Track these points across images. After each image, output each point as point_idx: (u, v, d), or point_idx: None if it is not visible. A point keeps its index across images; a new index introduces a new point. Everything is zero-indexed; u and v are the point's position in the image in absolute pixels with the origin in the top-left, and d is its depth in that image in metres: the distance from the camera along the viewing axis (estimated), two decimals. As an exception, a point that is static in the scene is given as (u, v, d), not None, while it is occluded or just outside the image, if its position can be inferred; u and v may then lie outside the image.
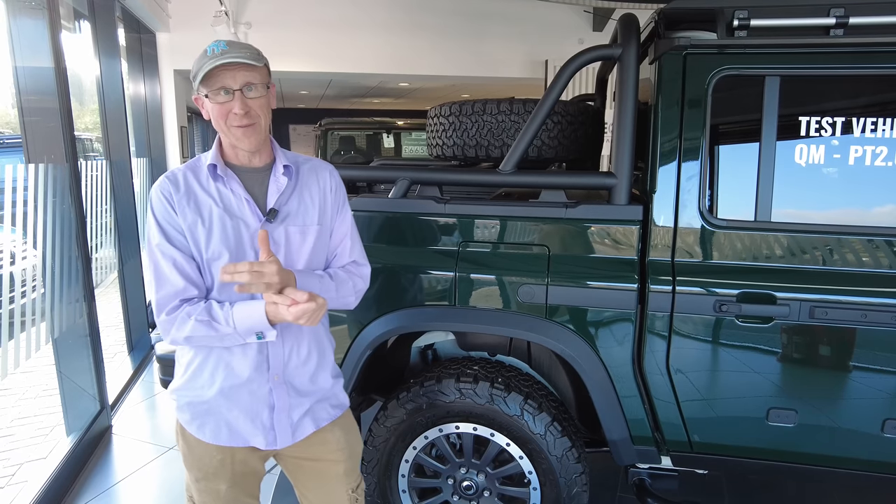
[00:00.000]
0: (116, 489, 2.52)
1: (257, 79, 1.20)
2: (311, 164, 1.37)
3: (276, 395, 1.29)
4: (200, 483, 1.35)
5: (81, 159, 2.96)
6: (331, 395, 1.40)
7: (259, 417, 1.29)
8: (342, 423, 1.44)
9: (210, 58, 1.15)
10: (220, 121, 1.20)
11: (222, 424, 1.29)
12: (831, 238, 1.59)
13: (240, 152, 1.26)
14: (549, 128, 2.09)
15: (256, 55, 1.19)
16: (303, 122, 13.69)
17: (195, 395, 1.29)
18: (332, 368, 1.41)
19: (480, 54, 6.26)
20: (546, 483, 1.82)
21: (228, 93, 1.17)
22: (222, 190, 1.25)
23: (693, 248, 1.64)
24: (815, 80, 1.57)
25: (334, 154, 7.16)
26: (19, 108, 2.60)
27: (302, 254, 1.30)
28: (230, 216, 1.24)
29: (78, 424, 2.79)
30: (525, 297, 1.70)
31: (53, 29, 2.61)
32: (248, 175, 1.28)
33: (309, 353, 1.33)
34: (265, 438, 1.31)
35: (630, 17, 1.73)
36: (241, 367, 1.26)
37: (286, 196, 1.29)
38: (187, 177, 1.25)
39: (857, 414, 1.61)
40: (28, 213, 2.44)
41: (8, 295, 2.25)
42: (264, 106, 1.22)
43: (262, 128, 1.23)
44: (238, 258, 1.23)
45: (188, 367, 1.30)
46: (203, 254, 1.22)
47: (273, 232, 1.26)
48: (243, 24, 5.65)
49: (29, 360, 2.40)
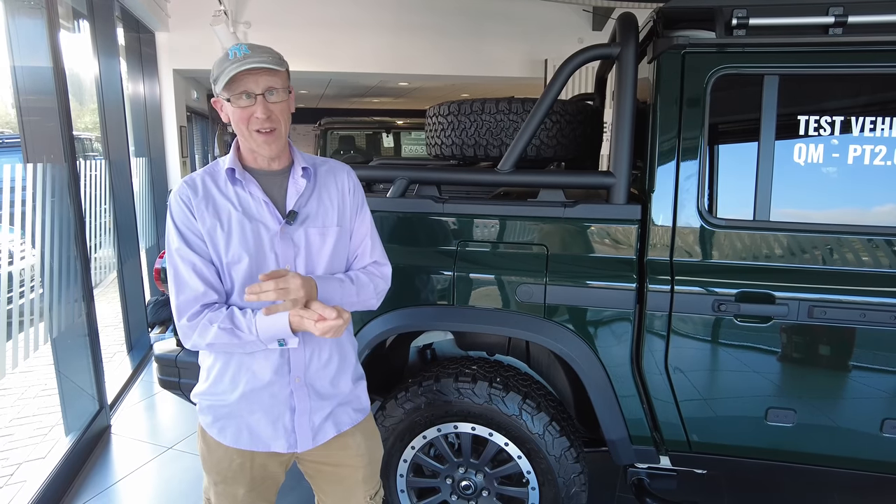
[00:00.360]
0: (115, 489, 2.52)
1: (279, 83, 1.19)
2: (328, 165, 1.37)
3: (297, 397, 1.29)
4: (219, 486, 1.35)
5: (81, 159, 2.97)
6: (353, 398, 1.39)
7: (281, 420, 1.29)
8: (363, 429, 1.43)
9: (233, 62, 1.14)
10: (242, 125, 1.20)
11: (243, 428, 1.29)
12: (830, 237, 1.58)
13: (259, 157, 1.26)
14: (548, 127, 2.08)
15: (278, 60, 1.19)
16: (302, 122, 13.67)
17: (217, 399, 1.29)
18: (354, 371, 1.41)
19: (480, 54, 6.25)
20: (544, 483, 1.82)
21: (250, 97, 1.17)
22: (241, 193, 1.25)
23: (691, 247, 1.64)
24: (813, 79, 1.57)
25: (334, 154, 7.16)
26: (18, 107, 2.60)
27: (322, 256, 1.29)
28: (249, 219, 1.24)
29: (77, 424, 2.79)
30: (523, 296, 1.70)
31: (52, 28, 2.60)
32: (267, 178, 1.28)
33: (330, 356, 1.33)
34: (286, 441, 1.30)
35: (629, 17, 1.73)
36: (263, 370, 1.26)
37: (305, 198, 1.29)
38: (206, 181, 1.25)
39: (856, 414, 1.61)
40: (27, 212, 2.44)
41: (6, 295, 2.25)
42: (285, 111, 1.22)
43: (282, 133, 1.23)
44: (258, 261, 1.23)
45: (210, 371, 1.30)
46: (223, 258, 1.22)
47: (293, 234, 1.26)
48: (242, 23, 5.65)
49: (27, 359, 2.40)
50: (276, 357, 1.26)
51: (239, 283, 1.23)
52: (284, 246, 1.25)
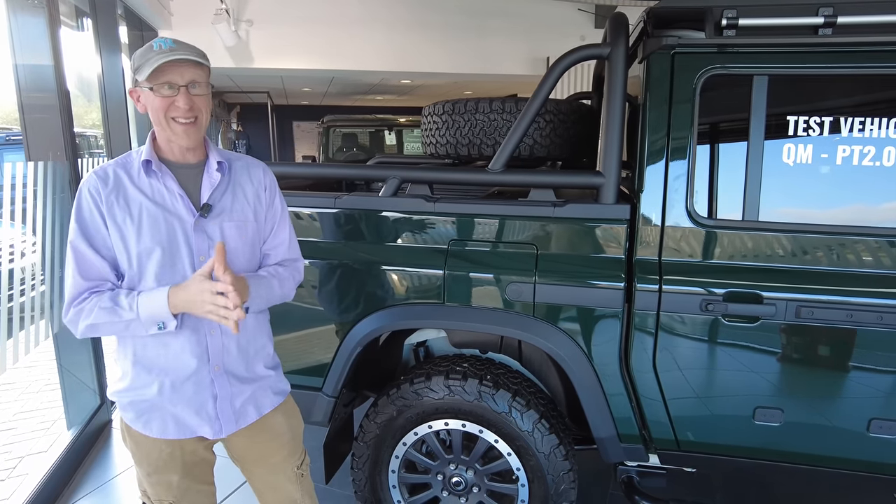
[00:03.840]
0: (115, 482, 2.55)
1: (202, 77, 1.23)
2: (243, 161, 1.40)
3: (218, 384, 1.32)
4: (152, 477, 1.37)
5: (86, 156, 2.99)
6: (271, 382, 1.44)
7: (204, 408, 1.32)
8: (284, 409, 1.48)
9: (158, 53, 1.17)
10: (160, 114, 1.21)
11: (168, 419, 1.31)
12: (818, 238, 1.58)
13: (175, 147, 1.28)
14: (542, 126, 2.09)
15: (203, 55, 1.23)
16: (306, 119, 13.74)
17: (137, 395, 1.30)
18: (270, 359, 1.45)
19: (482, 51, 6.26)
20: (534, 479, 1.84)
21: (173, 88, 1.19)
22: (155, 185, 1.26)
23: (680, 247, 1.64)
24: (803, 79, 1.57)
25: (337, 151, 7.18)
26: (20, 105, 2.62)
27: (239, 250, 1.32)
28: (163, 211, 1.25)
29: (78, 419, 2.83)
30: (513, 295, 1.72)
31: (53, 26, 2.63)
32: (182, 171, 1.29)
33: (248, 344, 1.37)
34: (211, 428, 1.34)
35: (620, 17, 1.73)
36: (187, 360, 1.28)
37: (220, 192, 1.32)
38: (117, 173, 1.26)
39: (843, 413, 1.61)
40: (27, 209, 2.47)
41: (7, 292, 2.28)
42: (205, 104, 1.25)
43: (202, 125, 1.26)
44: (171, 253, 1.25)
45: (126, 369, 1.31)
46: (132, 249, 1.23)
47: (206, 227, 1.28)
48: (244, 21, 5.68)
49: (28, 355, 2.43)
50: (194, 346, 1.28)
51: (150, 275, 1.24)
52: (198, 239, 1.27)
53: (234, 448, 1.46)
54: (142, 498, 1.43)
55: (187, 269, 1.25)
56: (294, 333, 1.91)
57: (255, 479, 1.51)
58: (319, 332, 1.91)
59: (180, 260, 1.25)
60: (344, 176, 2.52)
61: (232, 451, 1.47)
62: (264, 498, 1.53)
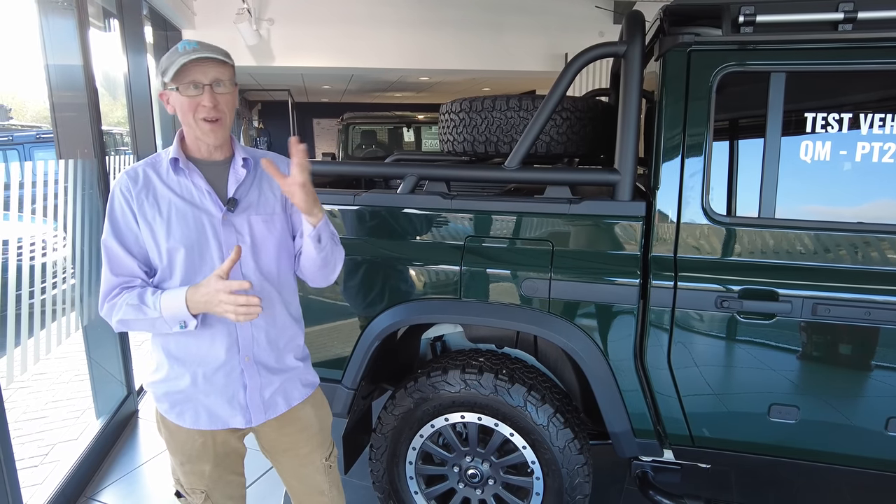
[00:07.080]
0: (141, 470, 2.64)
1: (226, 76, 1.26)
2: (269, 157, 1.44)
3: (248, 375, 1.36)
4: (185, 466, 1.42)
5: (112, 153, 3.08)
6: (301, 374, 1.48)
7: (236, 398, 1.36)
8: (313, 401, 1.52)
9: (182, 54, 1.21)
10: (188, 114, 1.25)
11: (201, 410, 1.35)
12: (835, 235, 1.58)
13: (202, 146, 1.32)
14: (558, 124, 2.10)
15: (226, 54, 1.26)
16: (326, 116, 13.85)
17: (171, 386, 1.35)
18: (300, 351, 1.48)
19: (500, 48, 6.26)
20: (549, 472, 1.86)
21: (198, 87, 1.23)
22: (183, 182, 1.31)
23: (696, 244, 1.65)
24: (822, 76, 1.56)
25: (356, 148, 7.25)
26: (51, 104, 2.71)
27: (268, 242, 1.36)
28: (192, 207, 1.29)
29: (106, 408, 2.92)
30: (528, 291, 1.74)
31: (82, 27, 2.71)
32: (209, 168, 1.34)
33: (278, 335, 1.40)
34: (243, 417, 1.38)
35: (636, 15, 1.74)
36: (217, 352, 1.32)
37: (246, 187, 1.36)
38: (147, 172, 1.31)
39: (861, 412, 1.60)
40: (59, 205, 2.56)
41: (40, 285, 2.37)
42: (230, 102, 1.28)
43: (227, 124, 1.30)
44: (201, 248, 1.29)
45: (160, 364, 1.36)
46: (161, 245, 1.28)
47: (235, 221, 1.32)
48: (266, 20, 5.76)
49: (59, 346, 2.53)
50: (224, 337, 1.32)
51: (180, 269, 1.28)
52: (227, 233, 1.31)
53: (264, 439, 1.50)
54: (175, 486, 1.48)
55: (216, 263, 1.30)
56: (314, 327, 1.96)
57: (284, 469, 1.55)
58: (339, 325, 1.95)
59: (209, 254, 1.30)
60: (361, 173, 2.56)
61: (262, 443, 1.51)
62: (293, 488, 1.57)
